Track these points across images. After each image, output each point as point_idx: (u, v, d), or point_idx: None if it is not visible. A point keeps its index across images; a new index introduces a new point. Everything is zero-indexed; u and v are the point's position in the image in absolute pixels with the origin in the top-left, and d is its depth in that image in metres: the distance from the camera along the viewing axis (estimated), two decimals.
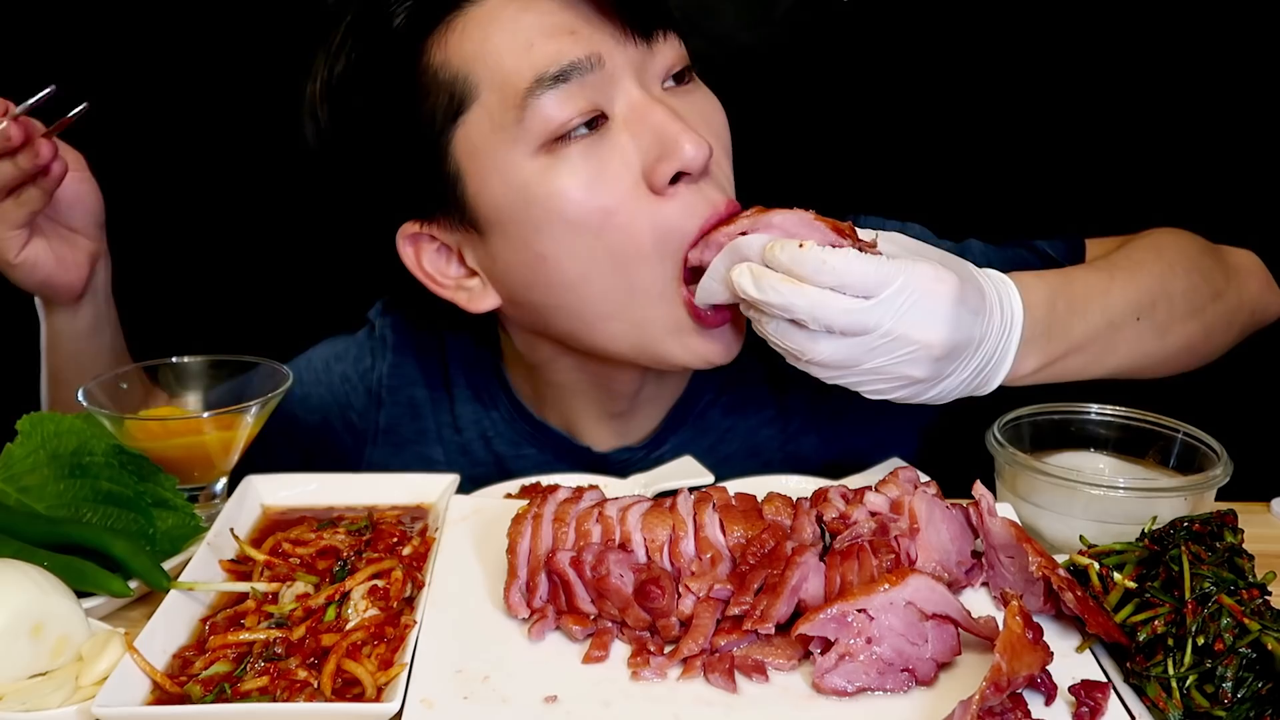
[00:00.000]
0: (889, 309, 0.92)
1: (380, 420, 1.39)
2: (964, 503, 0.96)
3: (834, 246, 0.94)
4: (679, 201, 1.06)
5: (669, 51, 1.11)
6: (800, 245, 0.93)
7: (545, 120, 1.03)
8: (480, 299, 1.17)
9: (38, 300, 1.27)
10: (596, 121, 1.05)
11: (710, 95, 1.16)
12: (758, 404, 1.34)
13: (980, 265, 1.03)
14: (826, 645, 0.82)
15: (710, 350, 1.12)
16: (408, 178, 1.12)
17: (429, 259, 1.17)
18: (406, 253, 1.16)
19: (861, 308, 0.92)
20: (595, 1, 1.05)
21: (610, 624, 0.88)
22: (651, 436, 1.33)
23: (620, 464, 1.31)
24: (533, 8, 1.05)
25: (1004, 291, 1.01)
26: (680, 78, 1.12)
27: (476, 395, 1.37)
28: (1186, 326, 1.15)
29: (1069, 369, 1.07)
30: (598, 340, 1.14)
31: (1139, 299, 1.10)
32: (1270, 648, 0.78)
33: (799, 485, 1.11)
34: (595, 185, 1.05)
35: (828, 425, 1.34)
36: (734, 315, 1.09)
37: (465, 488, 1.11)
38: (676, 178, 1.05)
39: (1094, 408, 1.14)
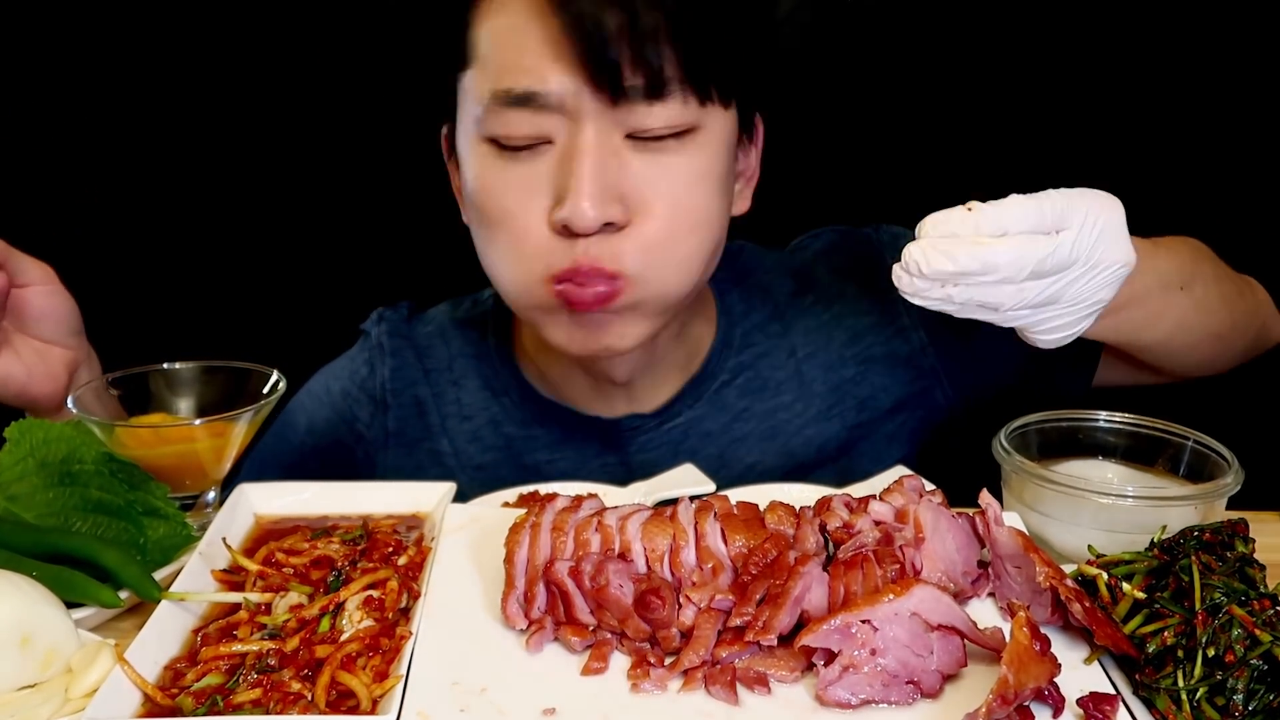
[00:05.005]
0: (1083, 238, 0.91)
1: (389, 424, 1.42)
2: (970, 512, 0.95)
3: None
4: (561, 244, 1.12)
5: (661, 113, 1.09)
6: (969, 208, 0.88)
7: (491, 127, 1.12)
8: None
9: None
10: (538, 145, 1.11)
11: (692, 166, 1.13)
12: (776, 387, 1.36)
13: None
14: (830, 657, 0.81)
15: (585, 338, 1.17)
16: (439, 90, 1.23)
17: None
18: (445, 149, 1.28)
19: (1060, 244, 0.90)
20: (593, 55, 1.06)
21: (610, 635, 0.87)
22: (664, 407, 1.35)
23: (631, 431, 1.34)
24: (545, 21, 1.07)
25: None
26: (659, 139, 1.11)
27: (486, 384, 1.40)
28: (1219, 311, 1.18)
29: (1133, 321, 1.09)
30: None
31: (1180, 268, 1.12)
32: None
33: (802, 494, 1.10)
34: (509, 192, 1.13)
35: (849, 412, 1.36)
36: (620, 307, 1.13)
37: (475, 473, 1.10)
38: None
39: (1102, 415, 1.13)
